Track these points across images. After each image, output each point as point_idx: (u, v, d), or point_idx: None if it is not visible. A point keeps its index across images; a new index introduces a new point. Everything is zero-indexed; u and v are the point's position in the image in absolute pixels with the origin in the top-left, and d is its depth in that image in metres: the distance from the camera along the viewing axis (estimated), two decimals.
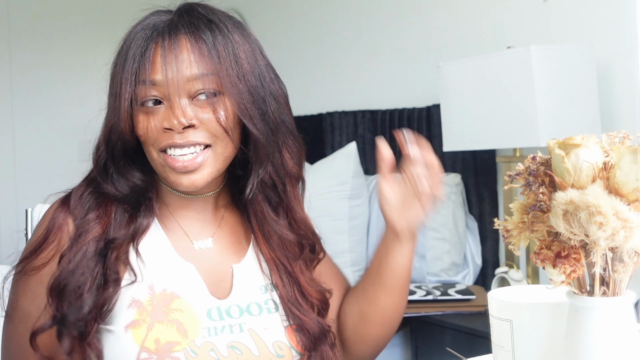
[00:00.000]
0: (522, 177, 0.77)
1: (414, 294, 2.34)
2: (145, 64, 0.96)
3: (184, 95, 0.95)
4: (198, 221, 1.07)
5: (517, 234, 0.76)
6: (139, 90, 0.96)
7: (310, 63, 3.56)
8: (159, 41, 0.96)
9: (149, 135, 0.97)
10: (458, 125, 2.27)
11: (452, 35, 2.77)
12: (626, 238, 0.68)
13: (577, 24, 2.30)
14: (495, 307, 0.83)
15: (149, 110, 0.97)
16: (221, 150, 0.98)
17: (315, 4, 3.53)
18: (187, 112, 0.95)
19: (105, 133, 0.99)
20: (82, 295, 0.94)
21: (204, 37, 0.96)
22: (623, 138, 0.73)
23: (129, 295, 0.97)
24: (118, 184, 1.00)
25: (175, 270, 1.02)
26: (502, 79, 2.09)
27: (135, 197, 1.01)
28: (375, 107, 3.10)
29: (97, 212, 1.00)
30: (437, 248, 2.56)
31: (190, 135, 0.95)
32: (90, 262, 0.96)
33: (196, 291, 1.01)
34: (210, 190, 1.06)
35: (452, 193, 2.60)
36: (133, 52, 0.96)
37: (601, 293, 0.72)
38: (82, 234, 0.97)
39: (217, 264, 1.05)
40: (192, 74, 0.95)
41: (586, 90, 2.08)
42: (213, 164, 0.98)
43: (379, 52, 3.15)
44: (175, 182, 0.98)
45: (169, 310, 0.98)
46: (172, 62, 0.95)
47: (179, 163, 0.96)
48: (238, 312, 1.02)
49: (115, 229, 0.99)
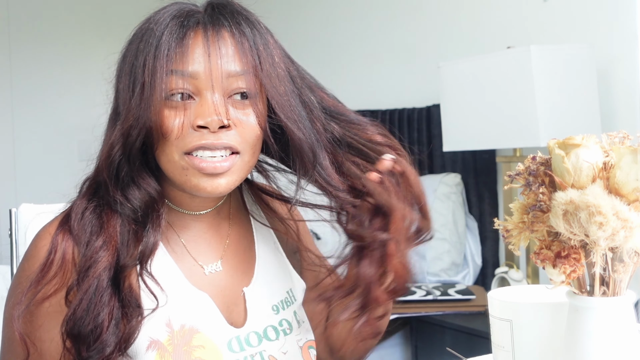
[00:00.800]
0: (522, 177, 0.77)
1: (414, 294, 2.34)
2: (182, 53, 0.86)
3: (221, 91, 0.87)
4: (204, 241, 0.99)
5: (517, 234, 0.76)
6: (169, 81, 0.86)
7: (310, 63, 3.54)
8: (200, 30, 0.88)
9: (177, 134, 0.86)
10: (458, 125, 2.28)
11: (452, 35, 2.77)
12: (626, 238, 0.68)
13: (577, 24, 2.30)
14: (495, 307, 0.83)
15: (176, 105, 0.86)
16: (248, 158, 0.90)
17: (315, 5, 3.53)
18: (227, 110, 0.86)
19: (125, 128, 0.87)
20: (101, 336, 0.85)
21: (246, 33, 0.89)
22: (623, 138, 0.73)
23: (146, 335, 0.89)
24: (129, 193, 0.89)
25: (190, 302, 0.93)
26: (502, 79, 2.09)
27: (143, 211, 0.90)
28: (375, 107, 3.10)
29: (103, 236, 0.89)
30: (437, 248, 2.56)
31: (224, 137, 0.86)
32: (104, 296, 0.86)
33: (214, 323, 0.94)
34: (215, 203, 0.99)
35: (452, 193, 2.60)
36: (167, 39, 0.86)
37: (601, 293, 0.72)
38: (92, 266, 0.87)
39: (229, 288, 0.99)
40: (234, 70, 0.87)
41: (586, 90, 2.08)
42: (238, 172, 0.89)
43: (379, 52, 3.15)
44: (197, 186, 0.88)
45: (190, 349, 0.91)
46: (216, 53, 0.86)
47: (206, 164, 0.86)
48: (257, 339, 0.97)
49: (124, 254, 0.88)
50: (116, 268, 0.87)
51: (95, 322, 0.85)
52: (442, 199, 2.58)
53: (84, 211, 0.90)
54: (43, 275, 0.88)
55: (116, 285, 0.87)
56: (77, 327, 0.85)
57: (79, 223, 0.89)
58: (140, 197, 0.89)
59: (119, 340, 0.86)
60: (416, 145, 2.86)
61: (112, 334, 0.85)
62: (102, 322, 0.85)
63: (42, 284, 0.87)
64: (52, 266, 0.88)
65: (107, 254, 0.88)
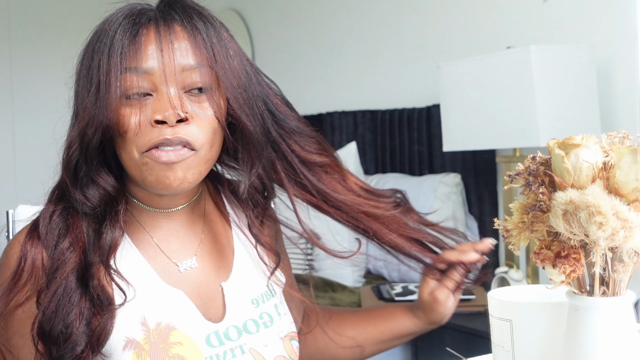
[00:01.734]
0: (522, 177, 0.77)
1: (413, 294, 2.34)
2: (136, 51, 0.86)
3: (178, 85, 0.87)
4: (177, 239, 0.99)
5: (517, 234, 0.76)
6: (125, 79, 0.86)
7: (310, 63, 3.56)
8: (152, 26, 0.88)
9: (135, 131, 0.86)
10: (458, 125, 2.28)
11: (452, 35, 2.77)
12: (626, 238, 0.67)
13: (577, 24, 2.30)
14: (495, 307, 0.83)
15: (134, 103, 0.87)
16: (204, 153, 0.89)
17: (315, 4, 3.53)
18: (184, 103, 0.87)
19: (82, 127, 0.88)
20: (71, 335, 0.86)
21: (198, 27, 0.89)
22: (623, 138, 0.73)
23: (121, 335, 0.89)
24: (87, 191, 0.90)
25: (164, 300, 0.94)
26: (502, 79, 2.09)
27: (102, 209, 0.91)
28: (375, 107, 3.10)
29: (70, 238, 0.90)
30: None
31: (181, 131, 0.86)
32: (74, 296, 0.87)
33: (191, 319, 0.94)
34: (187, 199, 0.99)
35: (452, 193, 2.60)
36: (120, 38, 0.87)
37: (601, 293, 0.72)
38: (59, 267, 0.88)
39: (205, 284, 0.99)
40: (189, 64, 0.88)
41: (586, 90, 2.08)
42: (196, 166, 0.89)
43: (379, 52, 3.15)
44: (158, 180, 0.88)
45: (168, 346, 0.91)
46: (168, 48, 0.87)
47: (165, 155, 0.86)
48: (236, 333, 0.97)
49: (90, 253, 0.89)
50: (82, 267, 0.88)
51: (64, 322, 0.86)
52: (442, 199, 2.58)
53: (52, 215, 0.91)
54: (15, 284, 0.88)
55: (85, 284, 0.88)
56: (47, 328, 0.86)
57: (47, 227, 0.90)
58: (97, 195, 0.90)
59: (91, 339, 0.86)
60: (416, 145, 2.86)
61: (83, 333, 0.86)
62: (72, 321, 0.86)
63: (14, 292, 0.88)
64: (23, 274, 0.88)
65: (74, 255, 0.89)
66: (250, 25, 3.93)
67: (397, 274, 2.67)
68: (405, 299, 2.31)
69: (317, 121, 3.38)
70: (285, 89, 1.11)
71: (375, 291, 2.48)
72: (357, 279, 2.71)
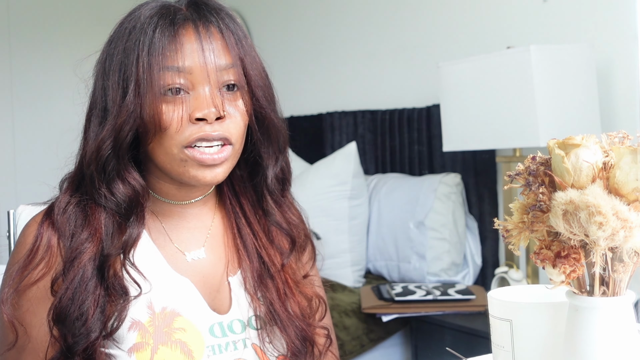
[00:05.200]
0: (522, 177, 0.77)
1: (413, 294, 2.34)
2: (177, 49, 0.90)
3: (213, 84, 0.92)
4: (187, 230, 1.02)
5: (517, 234, 0.76)
6: (164, 77, 0.90)
7: (310, 63, 3.56)
8: (190, 26, 0.92)
9: (177, 127, 0.90)
10: (458, 125, 2.28)
11: (452, 35, 2.77)
12: (626, 238, 0.68)
13: (577, 23, 2.30)
14: (495, 307, 0.83)
15: (171, 100, 0.90)
16: (238, 146, 0.95)
17: (315, 4, 3.53)
18: (223, 102, 0.91)
19: (118, 124, 0.90)
20: (86, 322, 0.89)
21: (230, 28, 0.94)
22: (623, 138, 0.73)
23: (128, 317, 0.93)
24: (114, 187, 0.93)
25: (171, 286, 0.97)
26: (502, 79, 2.09)
27: (127, 204, 0.94)
28: (375, 107, 3.10)
29: (88, 229, 0.93)
30: (437, 248, 2.56)
31: (219, 128, 0.91)
32: (90, 284, 0.90)
33: (196, 307, 0.97)
34: (201, 194, 1.03)
35: (452, 193, 2.60)
36: (159, 37, 0.90)
37: (601, 293, 0.72)
38: (77, 257, 0.91)
39: (212, 276, 1.02)
40: (224, 63, 0.92)
41: (586, 90, 2.08)
42: (231, 160, 0.95)
43: (379, 52, 3.15)
44: (197, 177, 0.92)
45: (171, 331, 0.94)
46: (208, 47, 0.91)
47: (206, 156, 0.91)
48: (241, 327, 1.00)
49: (108, 244, 0.93)
50: (101, 258, 0.92)
51: (80, 309, 0.89)
52: (442, 199, 2.58)
53: (67, 206, 0.95)
54: (30, 260, 0.92)
55: (101, 274, 0.91)
56: (63, 315, 0.89)
57: (62, 216, 0.94)
58: (125, 192, 0.93)
59: (105, 327, 0.90)
60: (416, 145, 2.86)
61: (98, 320, 0.89)
62: (88, 309, 0.89)
63: (29, 269, 0.92)
64: (39, 251, 0.92)
65: (92, 245, 0.92)
66: (250, 25, 3.93)
67: (397, 274, 2.68)
68: (405, 299, 2.31)
69: (317, 121, 3.38)
70: (285, 88, 1.12)
71: (375, 291, 2.48)
72: (357, 279, 2.71)
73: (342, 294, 2.49)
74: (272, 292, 1.02)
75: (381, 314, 2.32)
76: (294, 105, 3.53)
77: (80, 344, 0.89)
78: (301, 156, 3.23)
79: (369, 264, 2.82)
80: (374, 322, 2.36)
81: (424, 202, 2.59)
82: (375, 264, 2.79)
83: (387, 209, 2.73)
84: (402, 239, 2.63)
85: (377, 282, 2.71)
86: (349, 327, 2.29)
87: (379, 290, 2.45)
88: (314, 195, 2.76)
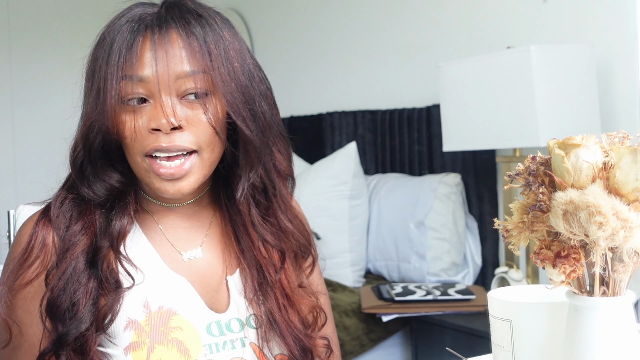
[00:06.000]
0: (522, 177, 0.77)
1: (414, 294, 2.34)
2: (132, 59, 0.89)
3: (172, 93, 0.90)
4: (184, 230, 1.02)
5: (517, 234, 0.76)
6: (123, 86, 0.89)
7: (310, 63, 3.56)
8: (148, 34, 0.90)
9: (133, 137, 0.90)
10: (458, 125, 2.28)
11: (452, 35, 2.77)
12: (626, 238, 0.68)
13: (577, 24, 2.30)
14: (495, 307, 0.83)
15: (133, 109, 0.90)
16: (207, 155, 0.92)
17: (315, 4, 3.53)
18: (177, 112, 0.89)
19: (84, 131, 0.92)
20: (77, 313, 0.89)
21: (195, 33, 0.91)
22: (623, 138, 0.73)
23: (124, 316, 0.93)
24: (95, 187, 0.94)
25: (167, 285, 0.97)
26: (502, 79, 2.09)
27: (106, 198, 0.94)
28: (375, 107, 3.10)
29: (82, 222, 0.94)
30: (437, 248, 2.56)
31: (177, 139, 0.89)
32: (82, 276, 0.91)
33: (193, 306, 0.97)
34: (193, 196, 1.01)
35: (452, 193, 2.60)
36: (119, 46, 0.89)
37: (601, 293, 0.72)
38: (70, 248, 0.92)
39: (209, 275, 1.01)
40: (183, 71, 0.89)
41: (586, 90, 2.08)
42: (199, 171, 0.93)
43: (379, 52, 3.15)
44: (160, 189, 0.92)
45: (167, 330, 0.94)
46: (163, 57, 0.89)
47: (164, 169, 0.90)
48: (239, 326, 0.99)
49: (101, 237, 0.93)
50: (92, 250, 0.93)
51: (71, 300, 0.90)
52: (442, 199, 2.58)
53: (64, 200, 0.96)
54: (25, 259, 0.93)
55: (94, 267, 0.92)
56: (55, 305, 0.90)
57: (58, 210, 0.95)
58: (104, 189, 0.94)
59: (97, 319, 0.90)
60: (416, 145, 2.87)
61: (89, 312, 0.90)
62: (79, 300, 0.90)
63: (23, 267, 0.93)
64: (34, 250, 0.93)
65: (85, 238, 0.93)
66: (250, 25, 3.93)
67: (397, 274, 2.68)
68: (405, 299, 2.31)
69: (317, 121, 3.38)
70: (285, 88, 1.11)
71: (375, 291, 2.48)
72: (357, 279, 2.71)
73: (342, 294, 2.49)
74: (271, 300, 1.00)
75: (381, 314, 2.32)
76: (294, 105, 3.53)
77: (71, 334, 0.89)
78: (301, 156, 3.23)
79: (369, 264, 2.82)
80: (374, 322, 2.36)
81: (424, 202, 2.59)
82: (375, 264, 2.79)
83: (387, 209, 2.73)
84: (402, 239, 2.63)
85: (377, 282, 2.71)
86: (349, 327, 2.29)
87: (379, 290, 2.45)
88: (314, 195, 2.76)
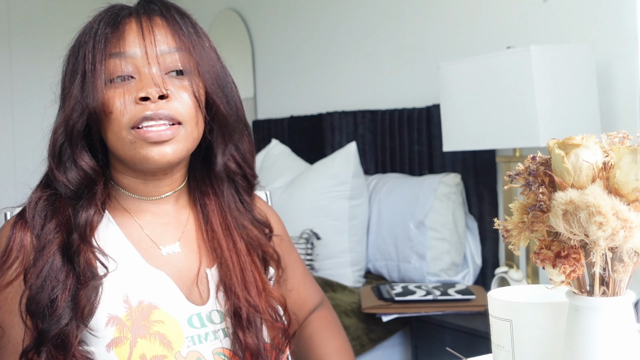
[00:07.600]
0: (522, 177, 0.77)
1: (414, 294, 2.34)
2: (119, 37, 0.94)
3: (157, 67, 0.95)
4: (162, 225, 1.04)
5: (517, 234, 0.76)
6: (111, 65, 0.94)
7: (310, 63, 3.56)
8: (133, 17, 0.96)
9: (121, 109, 0.93)
10: (458, 125, 2.28)
11: (452, 35, 2.77)
12: (626, 238, 0.68)
13: (577, 24, 2.30)
14: (495, 307, 0.83)
15: (119, 85, 0.94)
16: (190, 129, 0.96)
17: (315, 4, 3.53)
18: (165, 81, 0.94)
19: (67, 113, 0.96)
20: (56, 309, 0.90)
21: (176, 19, 0.98)
22: (623, 138, 0.73)
23: (104, 312, 0.94)
24: (69, 173, 0.96)
25: (147, 280, 0.99)
26: (502, 79, 2.09)
27: (76, 188, 0.96)
28: (375, 107, 3.10)
29: (57, 219, 0.96)
30: (437, 248, 2.56)
31: (164, 107, 0.93)
32: (60, 273, 0.92)
33: (173, 299, 0.99)
34: (172, 188, 1.04)
35: (452, 193, 2.60)
36: (103, 28, 0.95)
37: (601, 293, 0.72)
38: (46, 246, 0.93)
39: (188, 269, 1.03)
40: (168, 48, 0.95)
41: (586, 90, 2.08)
42: (183, 142, 0.95)
43: (379, 52, 3.15)
44: (146, 156, 0.94)
45: (149, 324, 0.95)
46: (149, 33, 0.95)
47: (151, 133, 0.92)
48: (219, 317, 1.01)
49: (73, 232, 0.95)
50: (68, 245, 0.94)
51: (50, 296, 0.91)
52: (442, 199, 2.58)
53: (38, 200, 0.98)
54: (4, 261, 0.94)
55: (70, 262, 0.93)
56: (34, 303, 0.91)
57: (33, 210, 0.97)
58: (78, 177, 0.96)
59: (76, 314, 0.91)
60: (416, 145, 2.87)
61: (67, 307, 0.91)
62: (57, 296, 0.91)
63: (3, 269, 0.94)
64: (12, 252, 0.95)
65: (60, 235, 0.94)
66: (250, 25, 3.93)
67: (397, 274, 2.68)
68: (405, 299, 2.31)
69: (317, 121, 3.38)
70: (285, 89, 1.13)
71: (375, 291, 2.48)
72: (357, 279, 2.71)
73: (342, 294, 2.49)
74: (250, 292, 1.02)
75: (381, 314, 2.32)
76: (294, 105, 3.53)
77: (52, 330, 0.90)
78: (301, 156, 3.23)
79: (368, 264, 2.82)
80: (374, 322, 2.36)
81: (423, 202, 2.59)
82: (375, 264, 2.79)
83: (387, 209, 2.73)
84: (402, 239, 2.63)
85: (377, 282, 2.71)
86: (349, 327, 2.29)
87: (379, 290, 2.45)
88: (313, 195, 2.76)
